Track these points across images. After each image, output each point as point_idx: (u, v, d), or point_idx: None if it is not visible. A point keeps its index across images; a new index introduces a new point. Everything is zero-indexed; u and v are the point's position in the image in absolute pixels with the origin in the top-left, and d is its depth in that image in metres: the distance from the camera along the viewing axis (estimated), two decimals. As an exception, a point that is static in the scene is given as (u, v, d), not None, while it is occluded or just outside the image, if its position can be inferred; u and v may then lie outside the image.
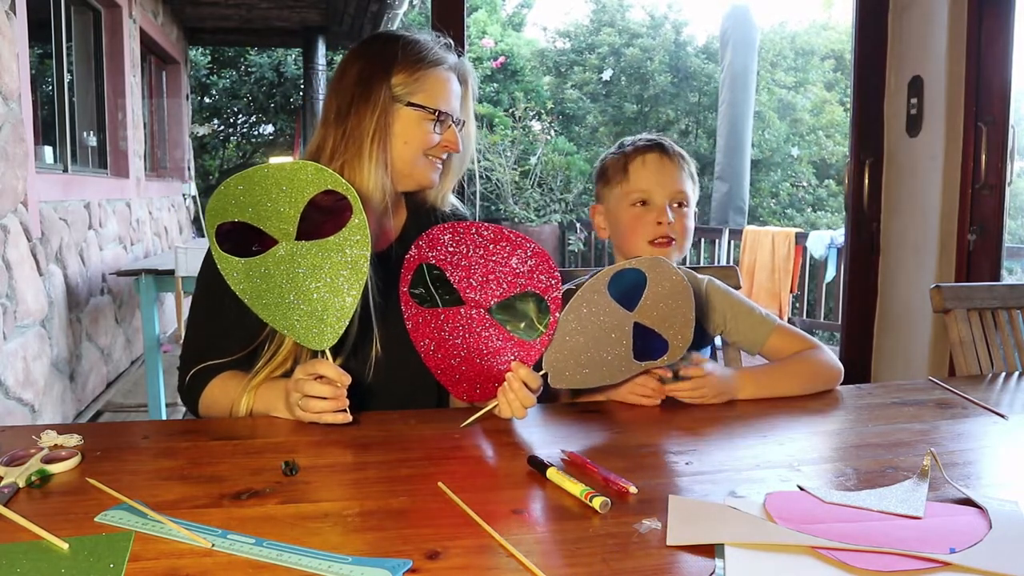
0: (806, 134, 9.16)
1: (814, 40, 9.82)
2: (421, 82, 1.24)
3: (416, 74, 1.24)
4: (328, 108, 1.25)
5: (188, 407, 1.26)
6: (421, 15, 9.70)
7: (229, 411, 1.18)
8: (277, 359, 1.18)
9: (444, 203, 1.39)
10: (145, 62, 5.95)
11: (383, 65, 1.23)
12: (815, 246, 5.87)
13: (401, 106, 1.24)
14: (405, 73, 1.23)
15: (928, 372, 2.41)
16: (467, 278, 1.11)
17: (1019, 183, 5.84)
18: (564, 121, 9.70)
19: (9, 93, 2.85)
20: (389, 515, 0.81)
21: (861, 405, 1.25)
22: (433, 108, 1.24)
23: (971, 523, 0.79)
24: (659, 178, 1.31)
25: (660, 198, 1.31)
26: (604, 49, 9.54)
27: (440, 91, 1.26)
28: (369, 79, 1.23)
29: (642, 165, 1.33)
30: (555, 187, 8.59)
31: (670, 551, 0.73)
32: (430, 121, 1.25)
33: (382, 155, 1.22)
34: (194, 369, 1.22)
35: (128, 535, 0.75)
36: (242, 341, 1.20)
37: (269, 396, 1.15)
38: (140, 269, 3.43)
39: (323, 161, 1.21)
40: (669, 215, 1.30)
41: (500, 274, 1.09)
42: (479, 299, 1.11)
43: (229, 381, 1.20)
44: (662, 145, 1.35)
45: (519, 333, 1.10)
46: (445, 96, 1.26)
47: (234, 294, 1.10)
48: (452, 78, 1.28)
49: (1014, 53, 2.33)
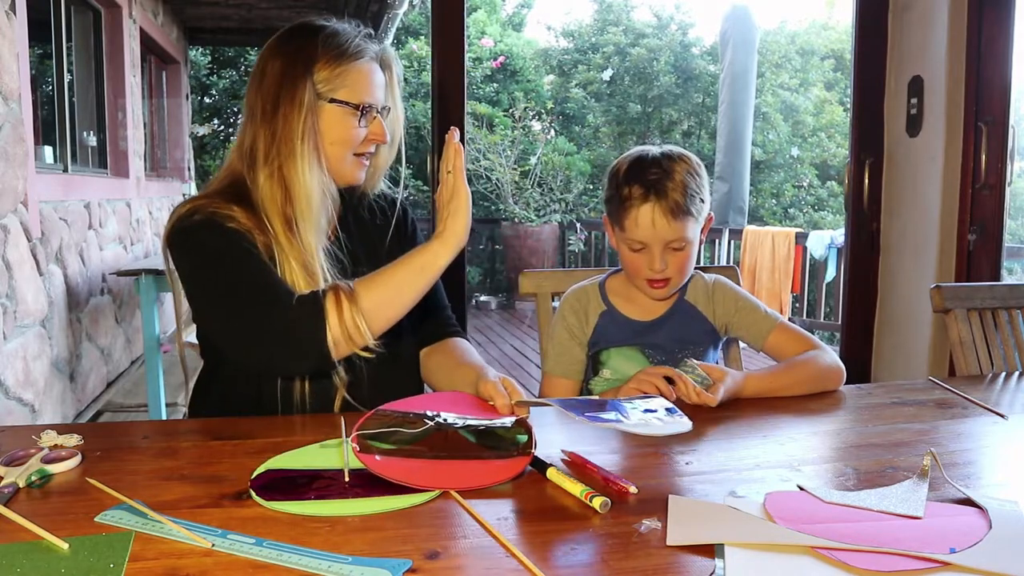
0: (808, 136, 9.17)
1: (814, 40, 9.82)
2: (343, 77, 1.22)
3: (337, 69, 1.22)
4: (253, 105, 1.22)
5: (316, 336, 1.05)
6: (421, 15, 9.70)
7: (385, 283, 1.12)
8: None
9: (374, 189, 1.39)
10: (145, 62, 5.95)
11: (304, 62, 1.21)
12: (815, 246, 5.87)
13: (325, 103, 1.22)
14: (327, 70, 1.21)
15: (928, 372, 2.41)
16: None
17: (1019, 183, 5.84)
18: (564, 121, 9.70)
19: (9, 93, 2.85)
20: (389, 515, 0.81)
21: (861, 405, 1.25)
22: (356, 103, 1.22)
23: (971, 523, 0.79)
24: (652, 232, 1.32)
25: (656, 246, 1.33)
26: (609, 48, 9.54)
27: (363, 84, 1.23)
28: (293, 78, 1.20)
29: (636, 220, 1.32)
30: (555, 187, 8.59)
31: (670, 551, 0.73)
32: (355, 116, 1.23)
33: (315, 154, 1.21)
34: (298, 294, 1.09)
35: (128, 535, 0.75)
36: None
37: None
38: (140, 269, 3.43)
39: (259, 163, 1.20)
40: (661, 263, 1.33)
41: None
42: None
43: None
44: (659, 193, 1.31)
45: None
46: (368, 88, 1.24)
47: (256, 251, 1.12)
48: (374, 68, 1.26)
49: (1014, 53, 2.33)
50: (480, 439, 0.98)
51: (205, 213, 1.17)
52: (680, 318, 1.43)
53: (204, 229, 1.15)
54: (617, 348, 1.43)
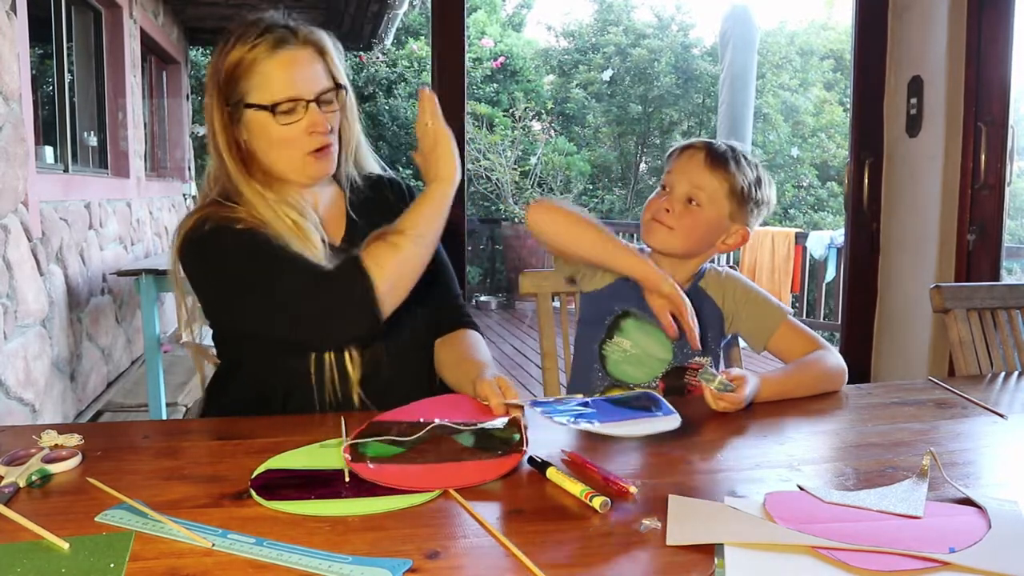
0: (808, 136, 9.17)
1: (814, 40, 9.83)
2: (247, 76, 1.16)
3: (240, 70, 1.16)
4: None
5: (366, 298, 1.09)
6: (421, 15, 9.70)
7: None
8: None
9: (362, 168, 1.36)
10: (145, 62, 5.95)
11: (213, 76, 1.18)
12: (815, 246, 5.87)
13: (244, 111, 1.17)
14: (232, 75, 1.16)
15: (928, 372, 2.41)
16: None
17: (1019, 183, 5.84)
18: (564, 121, 9.70)
19: (10, 93, 2.85)
20: (389, 515, 0.81)
21: (861, 405, 1.25)
22: (268, 103, 1.15)
23: (971, 523, 0.79)
24: (684, 171, 1.35)
25: (678, 188, 1.35)
26: (610, 49, 9.55)
27: (273, 79, 1.15)
28: (209, 95, 1.19)
29: (679, 156, 1.38)
30: (555, 187, 8.59)
31: (670, 551, 0.73)
32: (282, 113, 1.16)
33: (241, 167, 1.19)
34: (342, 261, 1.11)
35: (128, 535, 0.75)
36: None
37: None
38: (140, 269, 3.43)
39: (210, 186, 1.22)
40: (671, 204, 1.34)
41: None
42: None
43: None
44: (710, 145, 1.37)
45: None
46: (283, 81, 1.15)
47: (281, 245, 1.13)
48: (289, 59, 1.16)
49: (1014, 53, 2.33)
50: (473, 441, 0.98)
51: (215, 219, 1.17)
52: (694, 301, 1.39)
53: (220, 234, 1.16)
54: (638, 320, 1.39)
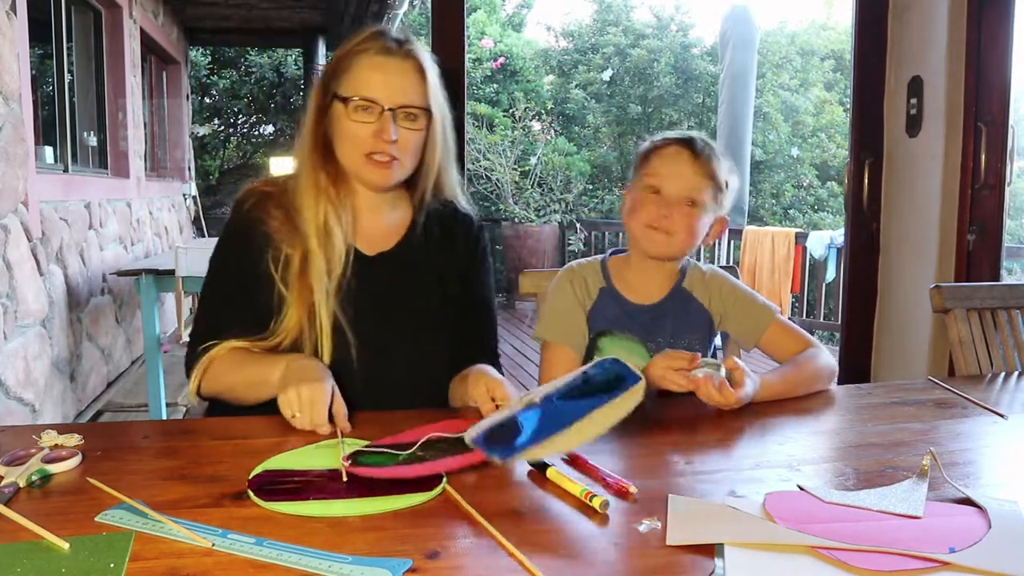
0: (808, 136, 9.17)
1: (814, 40, 9.83)
2: (346, 72, 1.20)
3: (343, 63, 1.20)
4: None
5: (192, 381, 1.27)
6: (421, 15, 9.70)
7: (230, 380, 1.22)
8: (277, 339, 1.21)
9: (444, 196, 1.35)
10: (145, 62, 5.95)
11: (325, 68, 1.24)
12: (815, 246, 5.87)
13: (333, 102, 1.21)
14: (337, 67, 1.21)
15: (928, 372, 2.41)
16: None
17: (1019, 183, 5.84)
18: (564, 121, 9.70)
19: (10, 93, 2.85)
20: (389, 515, 0.81)
21: (861, 405, 1.25)
22: (350, 95, 1.18)
23: (971, 523, 0.79)
24: (674, 170, 1.33)
25: (674, 191, 1.32)
26: (609, 49, 9.54)
27: (361, 77, 1.18)
28: (317, 83, 1.25)
29: (662, 155, 1.35)
30: (555, 187, 8.59)
31: (670, 551, 0.73)
32: (356, 109, 1.18)
33: (318, 152, 1.24)
34: (202, 346, 1.24)
35: (128, 535, 0.75)
36: (250, 324, 1.22)
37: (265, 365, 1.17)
38: (140, 269, 3.43)
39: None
40: (669, 211, 1.31)
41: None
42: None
43: (235, 354, 1.23)
44: (691, 141, 1.35)
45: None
46: (366, 82, 1.18)
47: (243, 279, 1.19)
48: (384, 64, 1.19)
49: (1014, 53, 2.33)
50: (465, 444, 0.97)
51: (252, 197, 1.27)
52: (679, 304, 1.40)
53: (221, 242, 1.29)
54: (617, 337, 1.37)
